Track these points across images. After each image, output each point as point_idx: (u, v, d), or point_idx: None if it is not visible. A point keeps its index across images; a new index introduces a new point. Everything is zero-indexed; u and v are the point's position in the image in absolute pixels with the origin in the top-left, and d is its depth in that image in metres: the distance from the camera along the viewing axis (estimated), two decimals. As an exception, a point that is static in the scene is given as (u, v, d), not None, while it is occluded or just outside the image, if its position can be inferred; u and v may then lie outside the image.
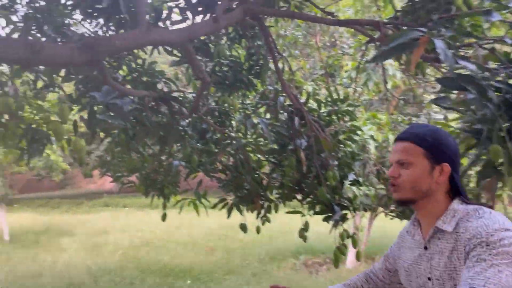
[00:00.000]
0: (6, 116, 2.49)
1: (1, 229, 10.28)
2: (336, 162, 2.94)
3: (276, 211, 3.55)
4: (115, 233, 10.22)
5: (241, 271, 6.66)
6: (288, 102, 3.00)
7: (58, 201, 18.10)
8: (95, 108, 2.62)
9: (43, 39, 1.97)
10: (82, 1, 2.50)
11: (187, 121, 3.13)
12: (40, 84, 2.74)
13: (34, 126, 2.90)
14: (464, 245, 1.09)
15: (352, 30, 4.70)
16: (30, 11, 2.20)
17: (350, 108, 3.27)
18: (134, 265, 7.05)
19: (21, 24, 2.11)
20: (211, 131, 3.45)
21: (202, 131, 3.60)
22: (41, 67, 2.28)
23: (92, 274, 6.57)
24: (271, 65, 3.40)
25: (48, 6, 2.33)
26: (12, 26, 2.05)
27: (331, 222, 2.81)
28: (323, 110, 3.23)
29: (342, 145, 3.24)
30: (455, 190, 1.20)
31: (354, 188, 3.09)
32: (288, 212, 3.25)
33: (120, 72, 3.13)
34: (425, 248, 1.21)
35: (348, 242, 2.91)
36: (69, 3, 2.55)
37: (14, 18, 2.12)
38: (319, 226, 3.57)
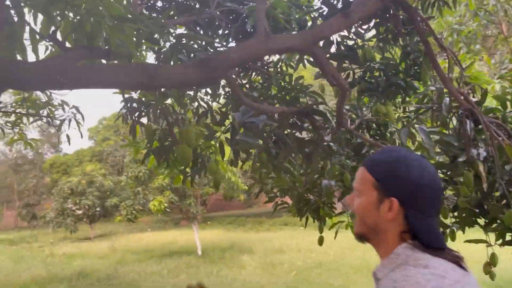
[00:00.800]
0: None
1: (196, 244, 11.59)
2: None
3: (452, 239, 2.88)
4: (290, 253, 10.37)
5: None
6: (456, 104, 2.40)
7: (244, 219, 19.63)
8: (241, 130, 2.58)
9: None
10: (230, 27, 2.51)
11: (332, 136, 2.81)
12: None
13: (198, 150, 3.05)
14: None
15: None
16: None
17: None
18: (305, 287, 6.90)
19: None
20: (367, 146, 3.05)
21: (356, 146, 3.23)
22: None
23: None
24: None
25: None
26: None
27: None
28: (510, 109, 2.50)
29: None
30: (412, 233, 1.02)
31: None
32: (467, 241, 2.58)
33: (273, 90, 3.05)
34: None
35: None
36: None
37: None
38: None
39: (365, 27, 3.03)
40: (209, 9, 2.47)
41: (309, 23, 2.91)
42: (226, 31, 2.54)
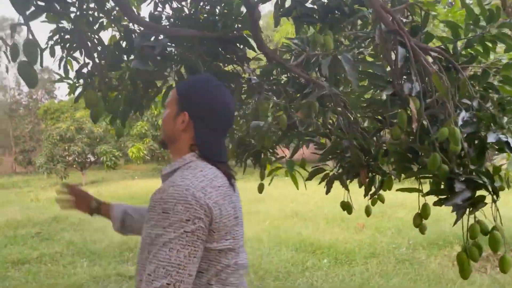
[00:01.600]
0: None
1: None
2: (466, 114, 1.84)
3: (388, 188, 2.61)
4: (269, 202, 10.26)
5: (386, 255, 5.67)
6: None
7: (238, 168, 19.51)
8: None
9: None
10: None
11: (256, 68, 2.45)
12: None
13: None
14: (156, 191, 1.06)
15: None
16: None
17: (507, 31, 2.05)
18: (272, 236, 6.80)
19: None
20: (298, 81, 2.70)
21: (298, 84, 2.88)
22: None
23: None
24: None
25: None
26: None
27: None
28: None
29: (490, 90, 2.08)
30: (200, 145, 1.17)
31: (500, 156, 1.91)
32: (399, 190, 2.30)
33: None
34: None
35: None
36: None
37: None
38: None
39: None
40: None
41: None
42: None
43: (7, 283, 4.60)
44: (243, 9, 2.85)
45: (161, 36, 2.16)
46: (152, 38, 2.19)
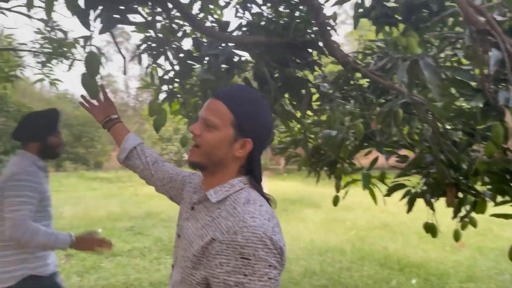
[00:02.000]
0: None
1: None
2: None
3: (481, 212, 2.25)
4: (359, 211, 9.82)
5: (486, 281, 5.00)
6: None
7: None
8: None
9: None
10: None
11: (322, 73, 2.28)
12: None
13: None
14: (221, 228, 0.97)
15: None
16: None
17: None
18: (356, 249, 6.43)
19: None
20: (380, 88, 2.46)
21: (377, 90, 2.66)
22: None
23: (314, 250, 6.39)
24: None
25: None
26: None
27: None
28: None
29: None
30: (249, 169, 1.10)
31: None
32: (493, 215, 1.96)
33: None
34: (192, 208, 1.14)
35: None
36: None
37: None
38: None
39: None
40: None
41: None
42: None
43: (99, 274, 4.99)
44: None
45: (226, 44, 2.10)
46: (219, 47, 2.14)
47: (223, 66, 2.08)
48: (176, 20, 2.98)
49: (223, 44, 2.19)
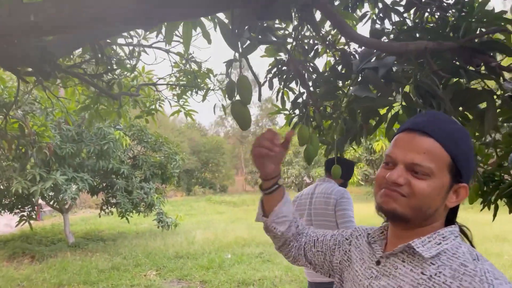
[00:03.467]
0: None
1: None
2: None
3: None
4: (513, 242, 8.33)
5: None
6: None
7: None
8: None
9: None
10: None
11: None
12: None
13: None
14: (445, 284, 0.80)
15: None
16: None
17: None
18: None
19: None
20: None
21: None
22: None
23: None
24: None
25: None
26: None
27: None
28: None
29: None
30: (452, 215, 0.93)
31: None
32: None
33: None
34: (377, 263, 0.95)
35: None
36: None
37: None
38: None
39: None
40: None
41: None
42: None
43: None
44: (491, 5, 2.20)
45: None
46: (373, 59, 1.81)
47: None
48: (306, 40, 2.82)
49: (375, 57, 1.86)
